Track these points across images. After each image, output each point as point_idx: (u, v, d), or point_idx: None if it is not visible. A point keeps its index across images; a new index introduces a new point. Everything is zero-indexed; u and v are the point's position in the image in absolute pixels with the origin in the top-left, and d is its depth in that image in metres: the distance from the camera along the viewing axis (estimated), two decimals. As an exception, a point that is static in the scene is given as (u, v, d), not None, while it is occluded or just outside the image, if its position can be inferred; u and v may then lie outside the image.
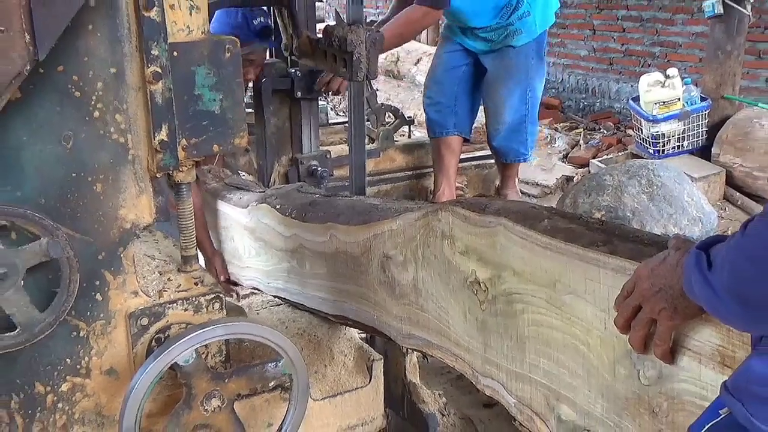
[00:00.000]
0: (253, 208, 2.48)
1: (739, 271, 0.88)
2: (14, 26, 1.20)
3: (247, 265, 2.62)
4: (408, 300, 1.82)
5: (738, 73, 5.21)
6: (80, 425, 1.56)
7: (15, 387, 1.47)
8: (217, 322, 1.57)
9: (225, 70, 1.46)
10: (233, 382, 1.60)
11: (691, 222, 3.90)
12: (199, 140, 1.48)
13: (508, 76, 3.97)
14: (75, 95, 1.37)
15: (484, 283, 1.55)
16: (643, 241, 1.27)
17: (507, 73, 3.97)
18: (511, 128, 4.05)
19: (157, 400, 1.60)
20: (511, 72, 3.96)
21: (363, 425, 2.02)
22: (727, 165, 4.91)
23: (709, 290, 0.93)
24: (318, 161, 3.33)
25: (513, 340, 1.51)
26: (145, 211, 1.51)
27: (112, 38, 1.38)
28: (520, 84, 3.98)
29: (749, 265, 0.86)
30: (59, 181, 1.40)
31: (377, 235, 1.89)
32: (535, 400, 1.48)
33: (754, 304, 0.88)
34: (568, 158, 5.70)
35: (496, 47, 3.95)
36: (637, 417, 1.24)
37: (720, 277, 0.91)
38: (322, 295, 2.18)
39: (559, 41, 7.50)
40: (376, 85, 4.51)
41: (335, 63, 2.63)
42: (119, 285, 1.52)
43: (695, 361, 1.12)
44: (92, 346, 1.52)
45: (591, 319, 1.30)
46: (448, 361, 1.74)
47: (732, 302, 0.90)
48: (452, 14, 3.96)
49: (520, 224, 1.45)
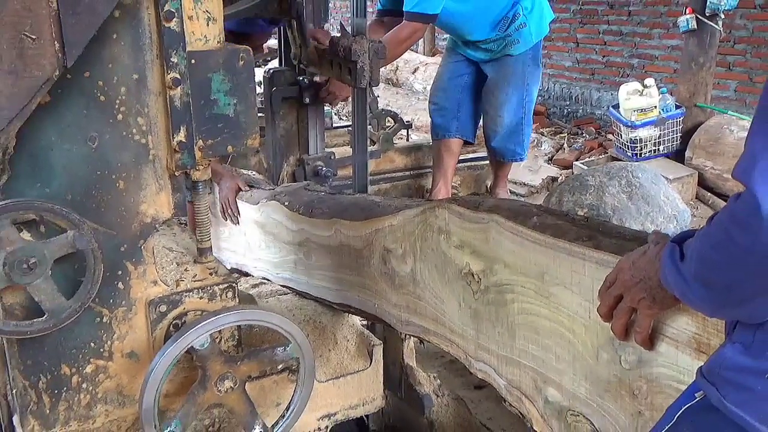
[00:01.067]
0: (263, 205, 2.47)
1: (705, 259, 0.88)
2: (45, 35, 1.20)
3: (257, 257, 2.62)
4: (407, 290, 1.81)
5: (710, 84, 5.20)
6: (103, 404, 1.55)
7: (43, 368, 1.46)
8: (230, 309, 1.56)
9: (239, 76, 1.45)
10: (245, 365, 1.59)
11: (667, 219, 3.89)
12: (214, 141, 1.47)
13: (507, 83, 3.96)
14: (100, 99, 1.37)
15: (477, 275, 1.55)
16: (625, 237, 1.26)
17: (506, 80, 3.96)
18: (509, 130, 4.04)
19: (174, 381, 1.60)
20: (510, 79, 3.95)
21: (364, 405, 2.01)
22: (700, 167, 4.90)
23: (681, 279, 0.93)
24: (323, 162, 3.32)
25: (504, 327, 1.50)
26: (164, 206, 1.50)
27: (135, 47, 1.37)
28: (518, 89, 3.97)
29: (713, 253, 0.86)
30: (85, 179, 1.40)
31: (378, 230, 1.88)
32: (524, 383, 1.48)
33: (718, 289, 0.88)
34: (553, 160, 5.69)
35: (496, 56, 3.94)
36: (619, 399, 1.24)
37: (689, 266, 0.92)
38: (326, 285, 2.17)
39: (545, 53, 7.46)
40: (376, 92, 4.50)
41: (340, 71, 2.63)
42: (140, 275, 1.51)
43: (673, 347, 1.12)
44: (114, 331, 1.52)
45: (576, 308, 1.30)
46: (444, 346, 1.74)
47: (699, 288, 0.90)
48: (453, 30, 3.96)
49: (511, 220, 1.45)
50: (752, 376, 0.88)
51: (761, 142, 0.78)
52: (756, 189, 0.76)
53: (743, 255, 0.81)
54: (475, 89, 4.13)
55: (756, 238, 0.78)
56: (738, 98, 5.97)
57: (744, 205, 0.79)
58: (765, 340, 0.88)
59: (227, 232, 2.83)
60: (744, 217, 0.79)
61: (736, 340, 0.92)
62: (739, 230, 0.80)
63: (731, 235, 0.82)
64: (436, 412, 2.39)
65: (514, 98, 3.98)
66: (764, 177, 0.76)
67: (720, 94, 5.91)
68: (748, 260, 0.80)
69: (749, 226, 0.78)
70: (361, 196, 2.31)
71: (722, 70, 5.86)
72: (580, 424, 1.34)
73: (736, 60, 5.99)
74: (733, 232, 0.81)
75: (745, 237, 0.79)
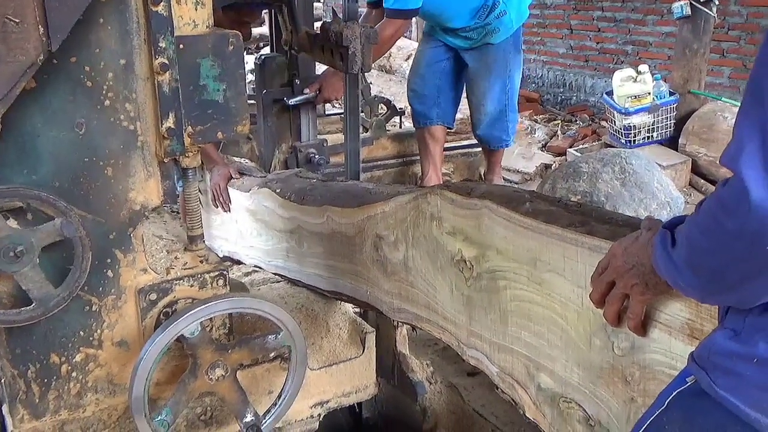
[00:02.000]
0: (254, 192, 2.46)
1: (694, 244, 0.88)
2: (29, 19, 1.18)
3: (249, 245, 2.61)
4: (399, 277, 1.81)
5: (704, 70, 5.20)
6: (93, 393, 1.54)
7: (32, 357, 1.45)
8: (221, 297, 1.55)
9: (228, 61, 1.44)
10: (236, 353, 1.59)
11: (660, 206, 3.90)
12: (204, 127, 1.45)
13: (489, 72, 3.92)
14: (87, 85, 1.35)
15: (469, 262, 1.54)
16: (617, 223, 1.26)
17: (487, 69, 3.92)
18: (493, 118, 4.01)
19: (164, 369, 1.59)
20: (492, 67, 3.91)
21: (356, 392, 2.01)
22: (693, 154, 4.90)
23: (671, 264, 0.93)
24: (315, 149, 3.30)
25: (496, 314, 1.49)
26: (153, 193, 1.48)
27: (122, 31, 1.35)
28: (500, 77, 3.94)
29: (702, 238, 0.86)
30: (72, 166, 1.38)
31: (370, 216, 1.87)
32: (516, 370, 1.48)
33: (707, 274, 0.88)
34: (547, 147, 5.69)
35: (476, 45, 3.89)
36: (611, 385, 1.23)
37: (680, 252, 0.92)
38: (318, 272, 2.16)
39: (539, 39, 7.47)
40: (369, 78, 4.47)
41: (332, 57, 2.61)
42: (129, 263, 1.50)
43: (666, 333, 1.11)
44: (104, 320, 1.51)
45: (569, 294, 1.29)
46: (436, 333, 1.73)
47: (689, 273, 0.91)
48: (432, 18, 3.91)
49: (503, 206, 1.44)
50: (742, 362, 0.88)
51: (747, 129, 0.78)
52: (743, 174, 0.77)
53: (731, 240, 0.81)
54: (455, 75, 4.08)
55: (744, 222, 0.78)
56: (732, 85, 5.96)
57: (731, 190, 0.79)
58: (754, 326, 0.88)
59: (219, 220, 2.82)
60: (732, 202, 0.79)
61: (727, 326, 0.92)
62: (726, 215, 0.80)
63: (719, 220, 0.82)
64: (429, 399, 2.39)
65: (497, 86, 3.94)
66: (751, 162, 0.76)
67: (714, 81, 5.90)
68: (736, 245, 0.81)
69: (737, 210, 0.78)
70: (352, 183, 2.30)
71: (716, 56, 5.85)
72: (572, 411, 1.34)
73: (730, 46, 5.98)
74: (721, 217, 0.81)
75: (732, 222, 0.79)
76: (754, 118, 0.78)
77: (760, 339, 0.86)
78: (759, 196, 0.75)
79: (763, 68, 0.78)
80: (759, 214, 0.76)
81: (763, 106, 0.77)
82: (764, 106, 0.77)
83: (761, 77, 0.78)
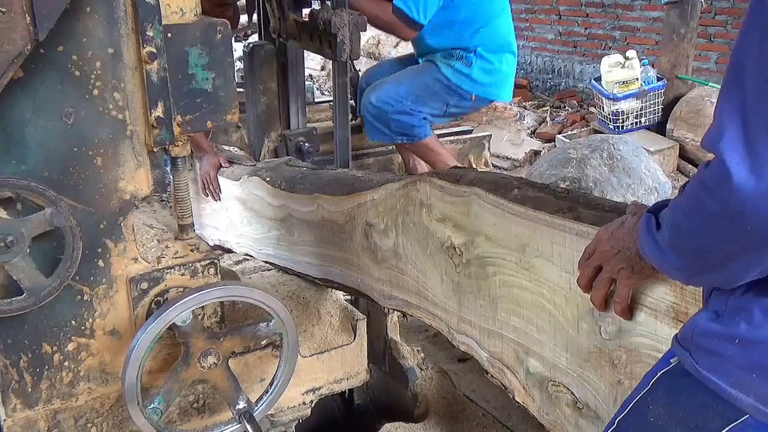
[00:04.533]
0: (244, 181, 2.46)
1: (677, 226, 0.90)
2: (15, 8, 1.17)
3: (240, 233, 2.61)
4: (389, 264, 1.81)
5: (691, 55, 5.22)
6: (86, 382, 1.55)
7: (24, 347, 1.45)
8: (212, 285, 1.55)
9: (217, 50, 1.43)
10: (228, 341, 1.59)
11: (648, 191, 3.92)
12: (193, 117, 1.45)
13: (415, 72, 3.48)
14: (75, 74, 1.34)
15: (459, 248, 1.55)
16: (604, 208, 1.27)
17: (417, 70, 3.48)
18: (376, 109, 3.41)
19: (157, 358, 1.59)
20: (421, 73, 3.44)
21: (348, 379, 2.02)
22: (681, 139, 4.93)
23: (656, 247, 0.94)
24: (305, 137, 3.29)
25: (486, 299, 1.51)
26: (143, 183, 1.48)
27: (109, 20, 1.34)
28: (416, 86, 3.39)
29: (685, 219, 0.87)
30: (61, 155, 1.38)
31: (360, 204, 1.88)
32: (506, 355, 1.49)
33: (690, 255, 0.90)
34: (536, 134, 5.71)
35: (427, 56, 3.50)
36: (599, 368, 1.25)
37: (663, 234, 0.93)
38: (309, 260, 2.17)
39: (527, 25, 7.46)
40: (358, 65, 4.45)
41: (320, 45, 2.60)
42: (120, 252, 1.50)
43: (651, 317, 1.13)
44: (96, 309, 1.51)
45: (557, 279, 1.30)
46: (426, 319, 1.74)
47: (673, 255, 0.92)
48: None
49: (492, 193, 1.45)
50: (724, 342, 0.89)
51: (727, 111, 0.79)
52: (725, 156, 0.78)
53: (714, 220, 0.82)
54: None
55: (726, 203, 0.79)
56: (719, 69, 5.99)
57: (713, 172, 0.80)
58: (736, 307, 0.89)
59: (209, 208, 2.82)
60: (714, 183, 0.80)
61: (710, 308, 0.94)
62: (709, 196, 0.82)
63: (702, 202, 0.83)
64: (420, 385, 2.41)
65: (403, 87, 3.40)
66: (732, 144, 0.77)
67: (701, 66, 5.93)
68: (718, 225, 0.82)
69: (719, 192, 0.80)
70: (342, 171, 2.30)
71: (703, 41, 5.87)
72: (561, 394, 1.36)
73: (717, 31, 6.00)
74: (703, 199, 0.83)
75: (715, 203, 0.81)
76: (734, 99, 0.79)
77: (742, 320, 0.88)
78: (741, 177, 0.77)
79: (742, 50, 0.79)
80: (741, 195, 0.77)
81: (743, 87, 0.78)
82: (744, 87, 0.78)
83: (740, 59, 0.79)
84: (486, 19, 3.35)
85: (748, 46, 0.78)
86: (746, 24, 0.79)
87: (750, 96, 0.77)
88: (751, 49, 0.77)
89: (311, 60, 6.87)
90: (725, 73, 0.82)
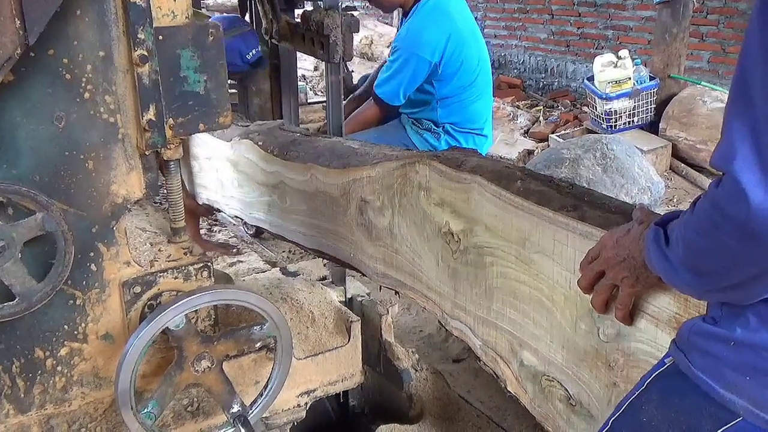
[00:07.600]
0: (236, 143, 2.37)
1: (692, 246, 0.88)
2: (5, 12, 1.16)
3: (230, 195, 2.53)
4: (383, 243, 1.78)
5: (683, 54, 5.23)
6: (79, 387, 1.54)
7: (16, 352, 1.45)
8: (206, 289, 1.55)
9: (209, 52, 1.43)
10: (221, 344, 1.59)
11: (641, 191, 3.93)
12: (185, 119, 1.44)
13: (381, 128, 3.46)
14: (66, 77, 1.33)
15: (456, 235, 1.52)
16: (610, 209, 1.25)
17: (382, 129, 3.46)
18: None
19: (150, 362, 1.59)
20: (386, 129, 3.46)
21: (343, 381, 2.02)
22: (673, 139, 4.94)
23: (667, 263, 0.93)
24: (298, 138, 3.28)
25: (482, 288, 1.49)
26: (135, 186, 1.48)
27: (100, 23, 1.33)
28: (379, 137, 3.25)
29: (698, 239, 0.86)
30: (53, 159, 1.37)
31: (356, 180, 1.84)
32: (500, 345, 1.47)
33: (705, 274, 0.88)
34: (529, 133, 5.71)
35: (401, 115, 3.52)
36: (594, 369, 1.25)
37: (676, 252, 0.91)
38: (301, 230, 2.12)
39: (520, 25, 7.47)
40: (351, 66, 4.45)
41: (313, 46, 2.59)
42: (113, 256, 1.49)
43: (653, 324, 1.12)
44: (88, 313, 1.50)
45: (557, 277, 1.29)
46: (420, 301, 1.71)
47: (687, 274, 0.90)
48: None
49: (494, 183, 1.41)
50: (719, 344, 0.89)
51: (738, 128, 0.76)
52: (739, 176, 0.75)
53: (731, 242, 0.80)
54: None
55: (743, 224, 0.77)
56: (711, 69, 6.01)
57: (727, 192, 0.78)
58: (733, 313, 0.89)
59: (198, 166, 2.74)
60: (729, 205, 0.78)
61: (708, 314, 0.94)
62: (724, 218, 0.79)
63: (716, 223, 0.81)
64: (415, 387, 2.41)
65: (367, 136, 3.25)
66: (746, 164, 0.75)
67: (693, 65, 5.94)
68: (736, 247, 0.80)
69: (736, 213, 0.77)
70: (338, 140, 2.21)
71: (695, 40, 5.89)
72: (554, 389, 1.35)
73: (709, 30, 6.02)
74: (718, 220, 0.80)
75: (731, 224, 0.78)
76: (743, 116, 0.76)
77: (738, 325, 0.88)
78: (758, 198, 0.74)
79: (747, 62, 0.76)
80: (759, 216, 0.75)
81: (752, 102, 0.75)
82: (753, 102, 0.75)
83: (746, 72, 0.76)
84: (462, 103, 3.40)
85: (753, 62, 0.75)
86: (748, 35, 0.76)
87: (761, 114, 0.74)
88: (756, 65, 0.75)
89: (304, 60, 6.86)
90: (730, 88, 0.79)
